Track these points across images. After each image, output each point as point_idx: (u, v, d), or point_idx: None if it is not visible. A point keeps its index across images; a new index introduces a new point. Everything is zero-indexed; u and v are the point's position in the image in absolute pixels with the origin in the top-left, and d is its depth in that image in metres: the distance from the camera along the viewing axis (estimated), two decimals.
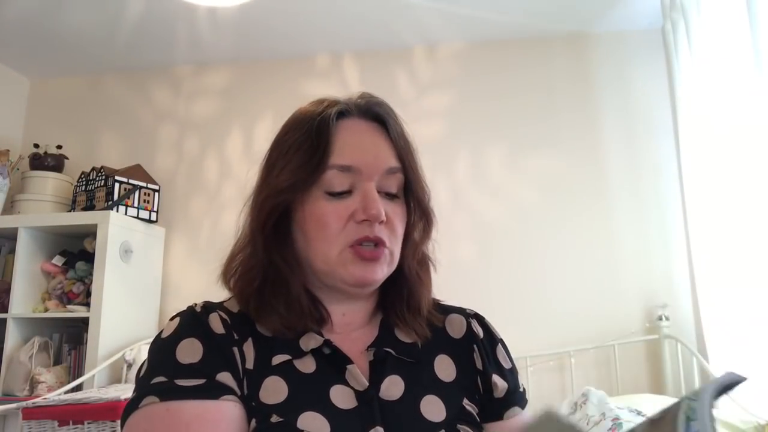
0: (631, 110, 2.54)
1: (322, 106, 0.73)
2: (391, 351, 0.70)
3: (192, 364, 0.62)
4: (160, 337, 0.66)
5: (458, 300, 0.83)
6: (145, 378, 0.62)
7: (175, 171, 2.83)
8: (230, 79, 2.89)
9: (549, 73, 2.65)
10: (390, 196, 0.71)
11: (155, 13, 2.45)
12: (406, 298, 0.74)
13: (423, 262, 0.77)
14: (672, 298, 2.33)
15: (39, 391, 2.27)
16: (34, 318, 2.46)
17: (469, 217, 2.54)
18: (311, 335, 0.68)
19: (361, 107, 0.73)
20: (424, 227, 0.76)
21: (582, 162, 2.53)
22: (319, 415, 0.62)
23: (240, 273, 0.72)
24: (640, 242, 2.42)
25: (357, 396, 0.65)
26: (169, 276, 2.73)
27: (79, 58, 2.86)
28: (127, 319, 2.46)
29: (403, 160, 0.72)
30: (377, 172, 0.69)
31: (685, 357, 2.21)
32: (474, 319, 0.79)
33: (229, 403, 0.61)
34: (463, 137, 2.62)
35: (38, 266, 2.53)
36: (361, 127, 0.72)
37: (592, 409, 1.76)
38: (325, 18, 2.53)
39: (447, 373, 0.72)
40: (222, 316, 0.68)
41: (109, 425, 1.79)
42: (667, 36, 2.32)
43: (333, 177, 0.68)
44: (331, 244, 0.68)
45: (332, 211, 0.68)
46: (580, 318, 2.38)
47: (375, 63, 2.77)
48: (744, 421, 1.66)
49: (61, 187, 2.71)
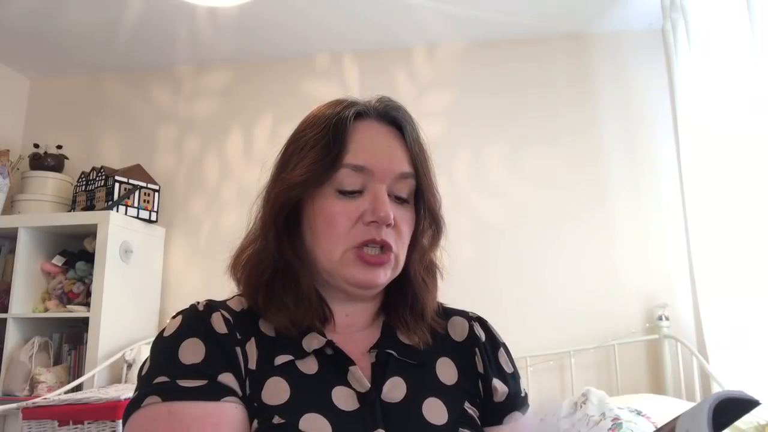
0: (632, 110, 2.54)
1: (341, 106, 0.73)
2: (394, 353, 0.70)
3: (194, 364, 0.62)
4: (163, 335, 0.66)
5: (457, 299, 0.83)
6: (148, 377, 0.62)
7: (175, 171, 2.83)
8: (230, 79, 2.89)
9: (549, 73, 2.65)
10: (400, 200, 0.72)
11: (155, 13, 2.45)
12: (410, 302, 0.74)
13: (430, 269, 0.78)
14: (672, 298, 2.33)
15: (39, 391, 2.27)
16: (34, 318, 2.46)
17: (469, 216, 2.54)
18: (314, 335, 0.68)
19: (379, 110, 0.74)
20: (433, 234, 0.77)
21: (582, 162, 2.53)
22: (321, 417, 0.62)
23: (250, 265, 0.72)
24: (640, 242, 2.42)
25: (359, 398, 0.65)
26: (169, 276, 2.73)
27: (79, 58, 2.86)
28: (127, 319, 2.46)
29: (417, 166, 0.73)
30: (389, 175, 0.70)
31: (685, 357, 2.21)
32: (476, 323, 0.79)
33: (230, 405, 0.61)
34: (463, 137, 2.62)
35: (38, 266, 2.53)
36: (378, 130, 0.73)
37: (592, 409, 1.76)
38: (325, 18, 2.53)
39: (449, 376, 0.72)
40: (225, 316, 0.67)
41: (109, 425, 1.79)
42: (667, 36, 2.32)
43: (345, 176, 0.69)
44: (336, 244, 0.68)
45: (342, 210, 0.68)
46: (580, 318, 2.38)
47: (375, 63, 2.77)
48: (744, 421, 1.66)
49: (61, 187, 2.71)
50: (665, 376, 2.25)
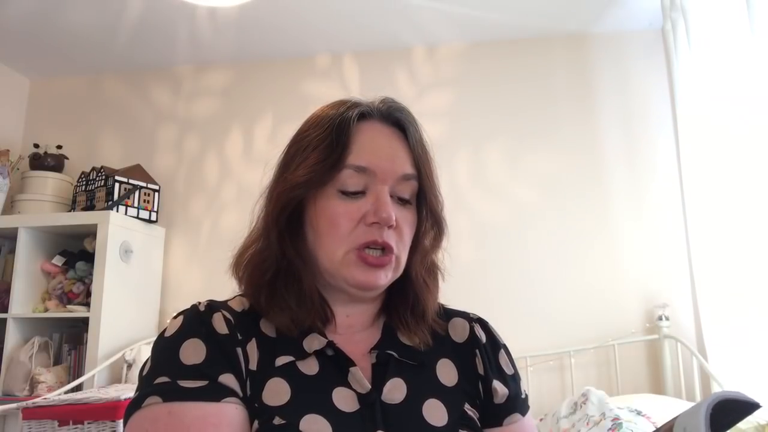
0: (632, 110, 2.54)
1: (344, 107, 0.73)
2: (394, 354, 0.70)
3: (195, 365, 0.62)
4: (164, 335, 0.66)
5: (457, 299, 0.83)
6: (149, 377, 0.62)
7: (175, 171, 2.83)
8: (230, 79, 2.89)
9: (549, 74, 2.65)
10: (402, 201, 0.72)
11: (155, 13, 2.45)
12: (411, 303, 0.74)
13: (431, 270, 0.78)
14: (672, 298, 2.33)
15: (39, 391, 2.27)
16: (34, 318, 2.46)
17: (469, 216, 2.54)
18: (314, 336, 0.68)
19: (383, 111, 0.74)
20: (435, 236, 0.77)
21: (582, 162, 2.53)
22: (321, 418, 0.62)
23: (252, 265, 0.72)
24: (640, 242, 2.42)
25: (359, 399, 0.65)
26: (169, 276, 2.73)
27: (79, 58, 2.86)
28: (127, 319, 2.46)
29: (419, 167, 0.73)
30: (392, 176, 0.70)
31: (685, 357, 2.21)
32: (477, 324, 0.79)
33: (230, 406, 0.61)
34: (463, 137, 2.62)
35: (38, 266, 2.53)
36: (381, 131, 0.73)
37: (592, 409, 1.76)
38: (325, 18, 2.53)
39: (449, 377, 0.72)
40: (226, 316, 0.67)
41: (109, 425, 1.79)
42: (667, 36, 2.33)
43: (348, 177, 0.69)
44: (338, 244, 0.68)
45: (344, 211, 0.69)
46: (580, 318, 2.38)
47: (375, 63, 2.77)
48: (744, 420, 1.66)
49: (61, 187, 2.71)
50: (665, 376, 2.25)
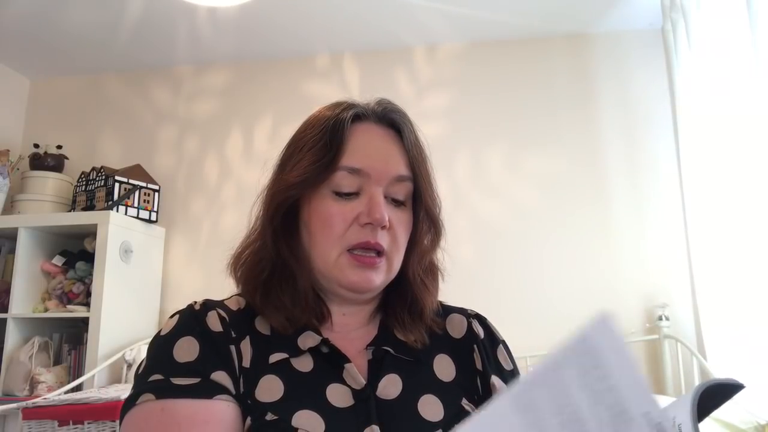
0: (631, 110, 2.54)
1: (340, 108, 0.74)
2: (390, 350, 0.70)
3: (188, 362, 0.62)
4: (159, 335, 0.67)
5: (457, 299, 0.83)
6: (144, 375, 0.63)
7: (175, 171, 2.83)
8: (230, 79, 2.89)
9: (549, 73, 2.64)
10: (396, 203, 0.72)
11: (155, 13, 2.45)
12: (408, 303, 0.75)
13: (430, 270, 0.78)
14: (672, 298, 2.33)
15: (39, 391, 2.27)
16: (34, 318, 2.46)
17: (469, 216, 2.54)
18: (309, 334, 0.68)
19: (378, 113, 0.74)
20: (432, 237, 0.77)
21: (582, 162, 2.53)
22: (314, 414, 0.62)
23: (249, 264, 0.73)
24: (640, 242, 2.42)
25: (354, 394, 0.65)
26: (169, 276, 2.73)
27: (79, 58, 2.87)
28: (127, 319, 2.46)
29: (415, 169, 0.73)
30: (386, 177, 0.70)
31: (685, 357, 2.21)
32: (475, 320, 0.79)
33: (222, 403, 0.61)
34: (463, 137, 2.62)
35: (38, 266, 2.53)
36: (376, 133, 0.73)
37: None
38: (325, 18, 2.53)
39: (446, 372, 0.72)
40: (221, 314, 0.68)
41: (109, 425, 1.79)
42: (667, 36, 2.32)
43: (342, 178, 0.69)
44: (332, 246, 0.69)
45: (338, 211, 0.69)
46: (580, 318, 2.34)
47: (375, 63, 2.77)
48: (744, 421, 1.66)
49: (61, 187, 2.71)
50: (665, 376, 2.24)
